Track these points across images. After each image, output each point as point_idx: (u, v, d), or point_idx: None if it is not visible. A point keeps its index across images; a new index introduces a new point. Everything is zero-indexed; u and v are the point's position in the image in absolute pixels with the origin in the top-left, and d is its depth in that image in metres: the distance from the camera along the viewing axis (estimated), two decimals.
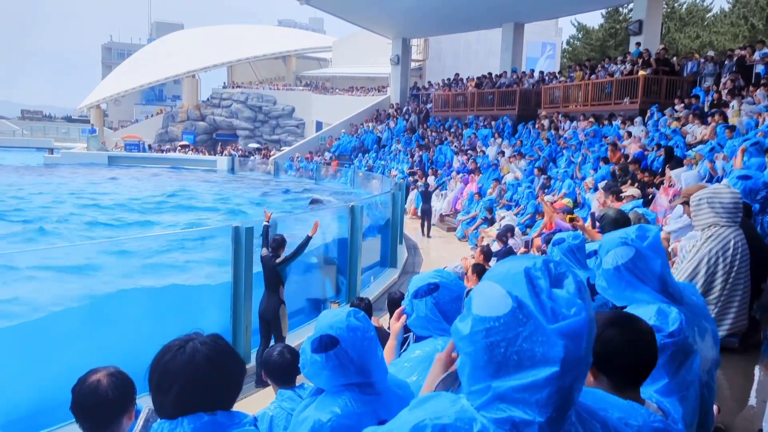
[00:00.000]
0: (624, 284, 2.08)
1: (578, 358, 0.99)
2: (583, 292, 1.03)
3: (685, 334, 1.88)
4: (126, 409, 2.01)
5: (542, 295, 1.00)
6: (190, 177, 28.94)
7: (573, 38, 40.62)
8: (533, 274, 1.03)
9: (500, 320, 0.99)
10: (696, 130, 11.83)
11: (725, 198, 3.93)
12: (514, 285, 1.02)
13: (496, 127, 20.85)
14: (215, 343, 1.57)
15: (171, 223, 15.27)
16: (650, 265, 2.04)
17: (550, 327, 0.98)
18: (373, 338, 1.94)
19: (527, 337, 0.98)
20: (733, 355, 4.19)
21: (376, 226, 11.24)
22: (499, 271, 1.07)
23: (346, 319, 1.93)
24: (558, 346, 0.97)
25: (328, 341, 1.90)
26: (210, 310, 6.85)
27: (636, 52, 17.55)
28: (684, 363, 1.88)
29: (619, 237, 2.12)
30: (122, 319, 6.14)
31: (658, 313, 1.91)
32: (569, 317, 0.99)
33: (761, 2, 28.66)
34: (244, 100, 47.36)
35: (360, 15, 28.33)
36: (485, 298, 1.03)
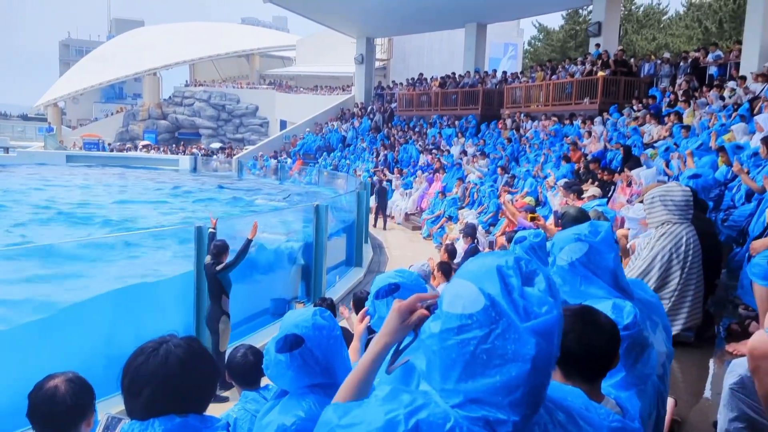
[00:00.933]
0: (579, 279, 2.12)
1: (549, 355, 1.00)
2: (553, 290, 1.04)
3: (640, 327, 1.93)
4: (84, 416, 1.96)
5: (514, 293, 1.01)
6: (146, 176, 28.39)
7: (534, 39, 41.26)
8: (505, 272, 1.03)
9: (473, 318, 1.00)
10: (653, 129, 12.14)
11: (677, 196, 4.05)
12: (486, 283, 1.02)
13: (459, 126, 21.04)
14: (189, 345, 1.55)
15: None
16: (604, 260, 2.10)
17: (522, 325, 0.98)
18: (339, 337, 1.94)
19: (500, 334, 0.98)
20: (688, 348, 4.31)
21: (341, 225, 11.22)
22: (471, 268, 1.07)
23: (312, 318, 1.93)
24: (530, 344, 0.98)
25: (293, 340, 1.88)
26: (171, 311, 6.73)
27: (595, 53, 17.93)
28: (640, 356, 1.93)
29: (572, 233, 2.17)
30: (82, 322, 5.98)
31: (613, 307, 1.96)
32: (541, 315, 1.00)
33: (714, 6, 29.59)
34: (206, 98, 46.70)
35: (324, 14, 28.20)
36: (458, 295, 1.03)
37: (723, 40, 25.51)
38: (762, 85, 11.31)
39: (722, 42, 24.22)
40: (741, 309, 4.76)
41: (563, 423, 1.12)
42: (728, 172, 7.23)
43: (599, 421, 1.23)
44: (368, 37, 29.92)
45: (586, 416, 1.19)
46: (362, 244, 11.80)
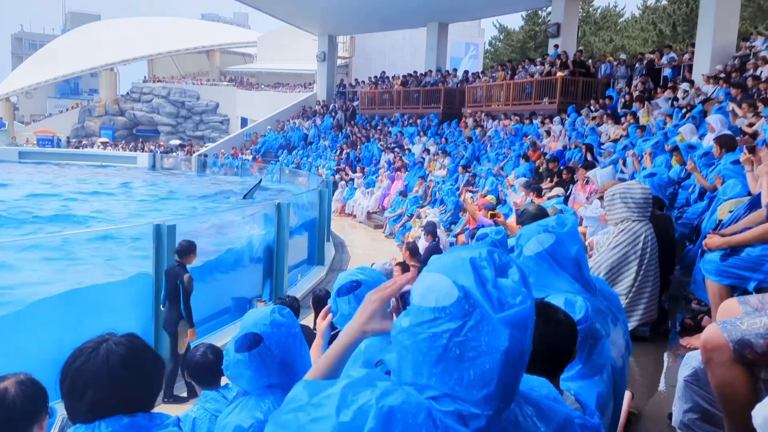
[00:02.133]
0: (544, 270, 2.15)
1: (522, 347, 0.99)
2: (526, 282, 1.04)
3: (592, 320, 1.97)
4: (37, 419, 1.89)
5: (488, 284, 1.00)
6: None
7: (495, 39, 41.75)
8: (479, 264, 1.02)
9: (446, 310, 0.98)
10: (610, 129, 12.41)
11: (636, 194, 4.14)
12: (460, 275, 1.00)
13: (421, 125, 21.13)
14: (131, 342, 1.50)
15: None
16: (569, 251, 2.13)
17: (496, 316, 0.97)
18: (298, 335, 1.92)
19: (473, 326, 0.97)
20: (644, 343, 4.41)
21: (303, 223, 11.13)
22: (443, 262, 1.05)
23: (270, 315, 1.90)
24: (504, 335, 0.96)
25: (251, 339, 1.85)
26: (128, 314, 6.55)
27: (554, 54, 18.24)
28: (594, 348, 1.97)
29: (538, 225, 2.19)
30: (35, 325, 5.77)
31: (566, 302, 1.99)
32: (515, 306, 0.99)
33: (668, 9, 30.45)
34: (165, 94, 45.76)
35: (285, 10, 27.94)
36: (430, 288, 1.01)
37: (677, 43, 26.27)
38: (713, 87, 11.68)
39: (676, 44, 24.93)
40: (694, 304, 4.90)
41: (531, 415, 1.11)
42: (681, 171, 7.44)
43: (566, 412, 1.23)
44: (330, 35, 29.79)
45: (554, 407, 1.19)
46: (324, 242, 11.74)
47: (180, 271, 5.80)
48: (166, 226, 6.28)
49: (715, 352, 2.26)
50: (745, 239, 3.40)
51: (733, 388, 2.24)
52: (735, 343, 2.21)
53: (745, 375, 2.24)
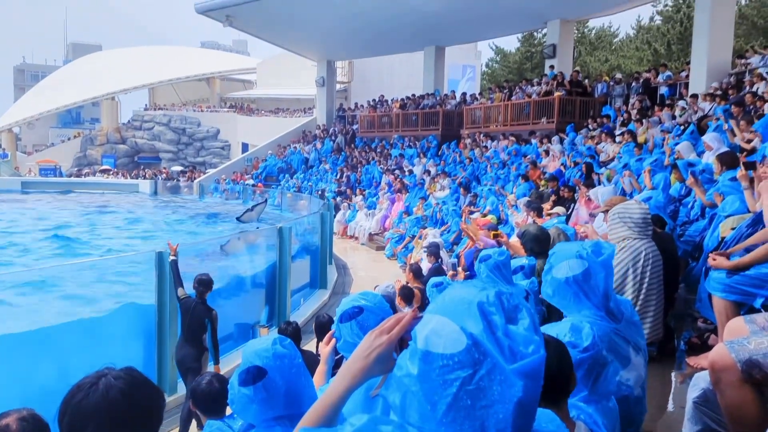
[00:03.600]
0: (570, 295, 2.14)
1: (536, 396, 0.95)
2: (537, 327, 0.99)
3: (599, 347, 1.95)
4: None
5: (498, 332, 0.95)
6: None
7: (492, 61, 42.16)
8: (487, 309, 0.97)
9: (454, 358, 0.93)
10: (608, 148, 12.45)
11: (635, 213, 4.15)
12: (467, 320, 0.95)
13: (420, 146, 21.23)
14: (130, 375, 1.48)
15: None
16: (598, 282, 2.12)
17: (509, 367, 0.93)
18: (301, 365, 1.90)
19: (484, 375, 0.92)
20: (651, 363, 4.38)
21: (304, 246, 11.12)
22: (448, 303, 1.00)
23: (272, 347, 1.88)
24: (517, 386, 0.92)
25: (255, 372, 1.84)
26: (131, 343, 6.50)
27: (551, 74, 18.38)
28: (600, 375, 1.95)
29: (574, 249, 2.18)
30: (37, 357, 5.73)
31: (572, 329, 1.97)
32: (528, 356, 0.94)
33: (662, 29, 30.78)
34: (166, 122, 46.10)
35: (284, 37, 28.28)
36: (436, 333, 0.96)
37: (672, 61, 26.50)
38: (710, 104, 11.75)
39: (671, 63, 25.16)
40: (700, 322, 4.87)
41: None
42: (682, 188, 7.45)
43: None
44: (329, 60, 30.10)
45: None
46: (326, 265, 11.72)
47: (204, 310, 5.66)
48: (168, 254, 6.25)
49: (724, 373, 2.24)
50: (753, 260, 3.39)
51: (743, 409, 2.21)
52: (743, 363, 2.19)
53: (754, 396, 2.22)
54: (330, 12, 22.45)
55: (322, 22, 24.22)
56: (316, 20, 24.00)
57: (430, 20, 21.83)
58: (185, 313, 5.73)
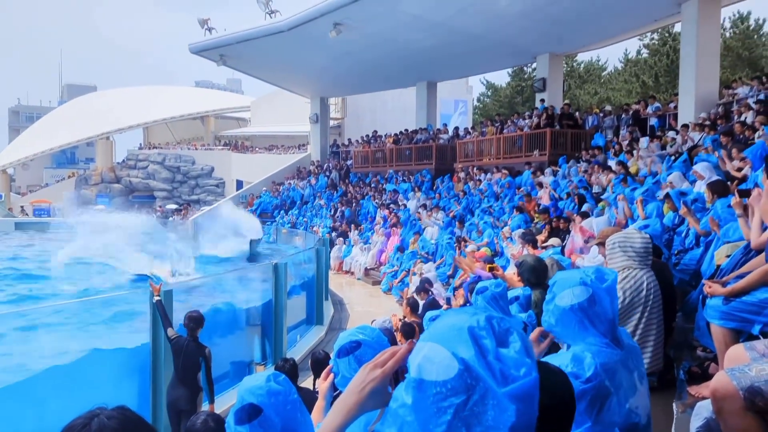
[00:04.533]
0: (574, 323, 2.09)
1: (530, 421, 0.94)
2: (529, 350, 0.99)
3: (602, 378, 1.92)
4: None
5: (489, 356, 0.95)
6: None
7: (483, 95, 42.79)
8: (478, 333, 0.97)
9: (447, 385, 0.93)
10: (602, 178, 12.54)
11: (636, 243, 4.14)
12: (458, 346, 0.95)
13: (414, 181, 21.34)
14: (123, 415, 1.43)
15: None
16: (604, 309, 2.07)
17: (501, 390, 0.92)
18: (296, 401, 1.87)
19: (478, 401, 0.92)
20: (652, 393, 4.33)
21: (300, 282, 11.07)
22: (439, 330, 1.00)
23: (266, 384, 1.86)
24: (510, 410, 0.91)
25: (250, 410, 1.81)
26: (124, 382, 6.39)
27: (541, 108, 18.64)
28: (603, 405, 1.92)
29: (577, 276, 2.14)
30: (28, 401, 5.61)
31: (573, 359, 1.94)
32: (519, 378, 0.94)
33: (649, 62, 31.37)
34: (161, 160, 46.29)
35: (277, 76, 28.66)
36: (429, 360, 0.96)
37: (660, 93, 26.93)
38: (700, 134, 11.90)
39: (659, 95, 25.56)
40: (699, 351, 4.84)
41: None
42: (675, 218, 7.48)
43: None
44: (322, 97, 30.46)
45: None
46: (323, 301, 11.65)
47: (197, 348, 5.58)
48: (163, 292, 6.19)
49: (726, 401, 2.22)
50: (747, 285, 3.39)
51: None
52: (745, 390, 2.17)
53: (758, 423, 2.19)
54: (322, 51, 22.81)
55: (315, 61, 24.59)
56: (309, 59, 24.37)
57: (422, 56, 22.20)
58: (177, 353, 5.62)
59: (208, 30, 25.27)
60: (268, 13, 23.05)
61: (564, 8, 16.35)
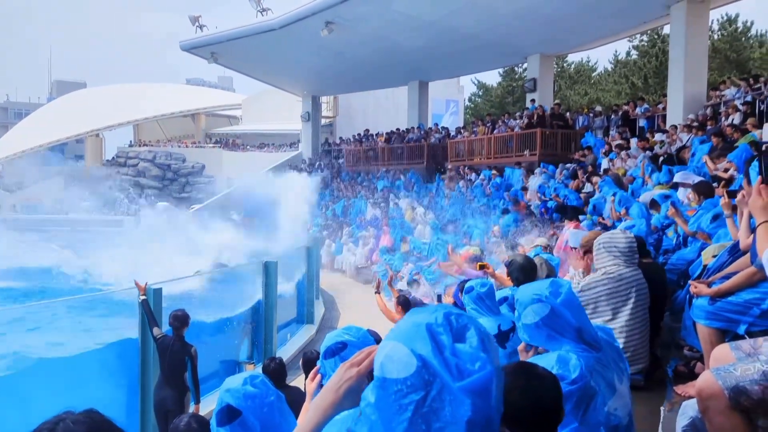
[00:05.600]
0: (544, 337, 2.16)
1: (488, 414, 0.95)
2: (486, 344, 0.99)
3: (587, 378, 1.95)
4: None
5: (446, 351, 0.96)
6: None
7: (474, 95, 42.83)
8: (435, 330, 0.98)
9: (407, 382, 0.94)
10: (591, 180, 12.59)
11: (621, 243, 4.20)
12: (417, 343, 0.97)
13: (406, 180, 21.36)
14: (90, 418, 1.39)
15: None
16: (566, 320, 2.13)
17: (456, 385, 0.93)
18: (273, 404, 1.88)
19: (436, 396, 0.93)
20: (639, 392, 4.37)
21: (291, 281, 11.05)
22: (401, 329, 1.02)
23: (242, 387, 1.87)
24: (465, 405, 0.93)
25: (229, 412, 1.83)
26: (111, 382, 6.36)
27: (532, 108, 18.71)
28: (589, 405, 1.95)
29: (532, 293, 2.20)
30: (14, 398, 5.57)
31: (559, 361, 1.98)
32: (474, 372, 0.95)
33: (639, 63, 31.55)
34: (151, 158, 46.02)
35: (268, 74, 28.58)
36: (390, 358, 0.97)
37: (649, 94, 27.10)
38: (688, 135, 11.99)
39: (648, 96, 25.73)
40: (686, 350, 4.88)
41: None
42: (664, 218, 7.53)
43: None
44: (314, 96, 30.41)
45: None
46: (313, 300, 11.64)
47: (183, 347, 5.55)
48: (152, 290, 6.15)
49: (712, 401, 2.24)
50: (732, 286, 3.42)
51: None
52: (730, 390, 2.19)
53: (742, 423, 2.22)
54: (313, 50, 22.77)
55: (306, 59, 24.55)
56: (300, 57, 24.33)
57: (413, 56, 22.22)
58: (163, 353, 5.60)
59: (200, 27, 25.17)
60: (259, 11, 22.99)
61: (555, 9, 16.43)
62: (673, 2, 14.98)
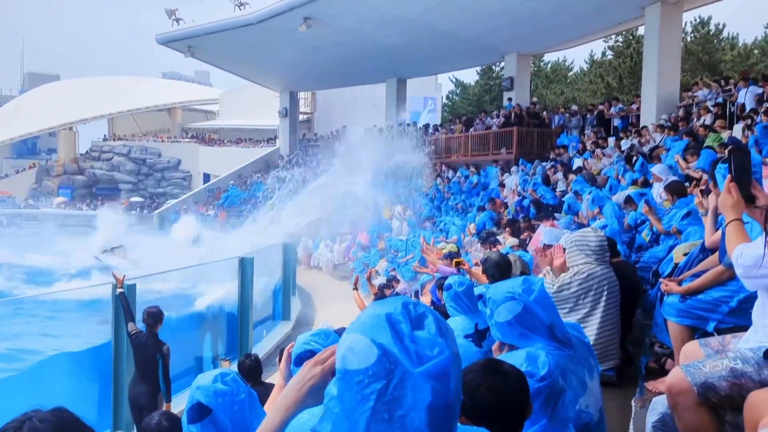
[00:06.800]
0: (516, 335, 2.18)
1: (448, 398, 0.98)
2: (444, 331, 1.02)
3: (555, 375, 1.97)
4: None
5: (405, 339, 0.98)
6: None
7: (452, 93, 43.01)
8: (395, 319, 1.00)
9: (368, 372, 0.96)
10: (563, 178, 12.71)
11: (592, 241, 4.26)
12: (377, 332, 0.99)
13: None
14: (58, 417, 1.36)
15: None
16: (538, 317, 2.15)
17: (416, 371, 0.96)
18: (245, 401, 1.87)
19: (397, 384, 0.95)
20: (611, 388, 4.43)
21: (267, 278, 10.98)
22: (361, 320, 1.04)
23: (213, 385, 1.86)
24: (426, 390, 0.95)
25: (200, 410, 1.81)
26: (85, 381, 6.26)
27: (509, 107, 18.84)
28: (558, 402, 1.97)
29: (505, 291, 2.21)
30: None
31: (528, 358, 2.00)
32: (433, 357, 0.97)
33: (614, 63, 31.97)
34: (126, 152, 45.37)
35: (246, 68, 28.34)
36: (351, 350, 0.99)
37: (623, 94, 27.47)
38: (661, 135, 12.19)
39: (623, 96, 26.08)
40: (657, 347, 4.96)
41: None
42: (638, 217, 7.64)
43: None
44: (292, 91, 30.24)
45: None
46: (290, 296, 11.59)
47: (155, 344, 5.49)
48: (126, 286, 6.06)
49: (681, 397, 2.29)
50: (701, 285, 3.50)
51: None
52: (699, 386, 2.24)
53: (711, 418, 2.27)
54: (291, 45, 22.64)
55: (284, 55, 24.39)
56: (278, 52, 24.16)
57: (391, 53, 22.22)
58: (137, 349, 5.56)
59: (176, 21, 24.84)
60: (237, 6, 22.78)
61: (531, 9, 16.55)
62: (648, 4, 15.20)
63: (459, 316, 3.80)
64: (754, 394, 2.05)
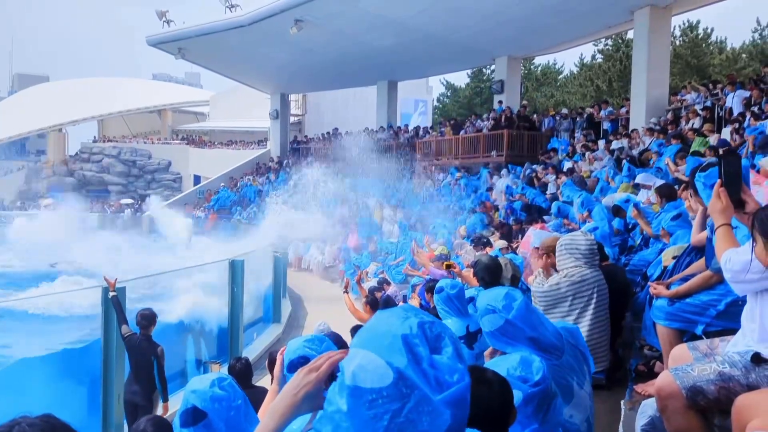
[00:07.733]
0: (503, 344, 2.23)
1: (464, 422, 0.98)
2: (460, 354, 1.01)
3: (549, 381, 1.98)
4: None
5: (423, 363, 0.97)
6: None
7: (443, 96, 43.12)
8: (411, 341, 0.98)
9: (383, 392, 0.94)
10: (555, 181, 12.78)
11: (582, 245, 4.28)
12: (392, 354, 0.97)
13: None
14: (46, 423, 1.36)
15: None
16: (519, 331, 2.18)
17: (436, 398, 0.94)
18: (241, 407, 1.87)
19: (413, 408, 0.94)
20: (601, 391, 4.45)
21: (258, 280, 10.94)
22: (373, 337, 1.02)
23: (210, 390, 1.85)
24: (445, 415, 0.94)
25: (195, 414, 1.80)
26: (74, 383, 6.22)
27: (499, 110, 18.91)
28: (550, 407, 1.99)
29: (486, 304, 2.24)
30: None
31: (522, 362, 2.01)
32: (453, 384, 0.96)
33: (603, 66, 32.17)
34: (116, 154, 45.09)
35: (237, 70, 28.27)
36: (363, 368, 0.97)
37: (613, 97, 27.64)
38: (650, 138, 12.27)
39: (612, 99, 26.24)
40: (646, 350, 4.99)
41: None
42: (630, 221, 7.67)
43: None
44: (282, 93, 30.18)
45: None
46: (280, 299, 11.56)
47: (149, 346, 5.53)
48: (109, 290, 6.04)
49: (670, 400, 2.30)
50: (689, 288, 3.52)
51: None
52: (687, 389, 2.25)
53: (699, 422, 2.28)
54: (282, 47, 22.61)
55: (275, 57, 24.34)
56: (269, 55, 24.11)
57: (383, 56, 22.24)
58: (131, 351, 5.60)
59: (167, 22, 24.72)
60: (228, 7, 22.71)
61: (522, 12, 16.63)
62: (637, 8, 15.31)
63: (450, 318, 3.81)
64: (742, 398, 2.07)
